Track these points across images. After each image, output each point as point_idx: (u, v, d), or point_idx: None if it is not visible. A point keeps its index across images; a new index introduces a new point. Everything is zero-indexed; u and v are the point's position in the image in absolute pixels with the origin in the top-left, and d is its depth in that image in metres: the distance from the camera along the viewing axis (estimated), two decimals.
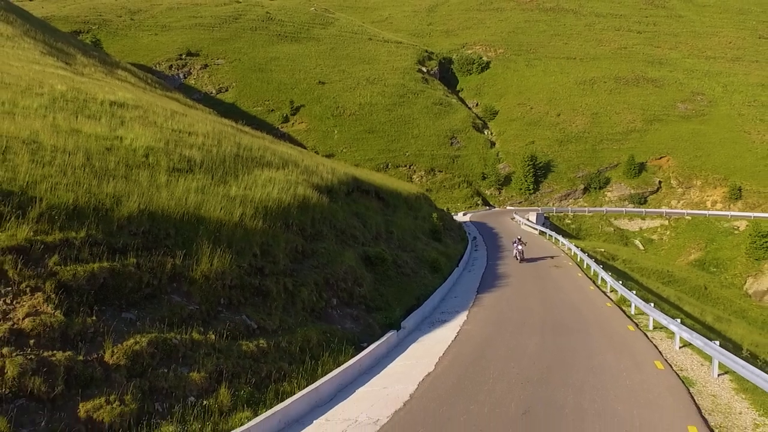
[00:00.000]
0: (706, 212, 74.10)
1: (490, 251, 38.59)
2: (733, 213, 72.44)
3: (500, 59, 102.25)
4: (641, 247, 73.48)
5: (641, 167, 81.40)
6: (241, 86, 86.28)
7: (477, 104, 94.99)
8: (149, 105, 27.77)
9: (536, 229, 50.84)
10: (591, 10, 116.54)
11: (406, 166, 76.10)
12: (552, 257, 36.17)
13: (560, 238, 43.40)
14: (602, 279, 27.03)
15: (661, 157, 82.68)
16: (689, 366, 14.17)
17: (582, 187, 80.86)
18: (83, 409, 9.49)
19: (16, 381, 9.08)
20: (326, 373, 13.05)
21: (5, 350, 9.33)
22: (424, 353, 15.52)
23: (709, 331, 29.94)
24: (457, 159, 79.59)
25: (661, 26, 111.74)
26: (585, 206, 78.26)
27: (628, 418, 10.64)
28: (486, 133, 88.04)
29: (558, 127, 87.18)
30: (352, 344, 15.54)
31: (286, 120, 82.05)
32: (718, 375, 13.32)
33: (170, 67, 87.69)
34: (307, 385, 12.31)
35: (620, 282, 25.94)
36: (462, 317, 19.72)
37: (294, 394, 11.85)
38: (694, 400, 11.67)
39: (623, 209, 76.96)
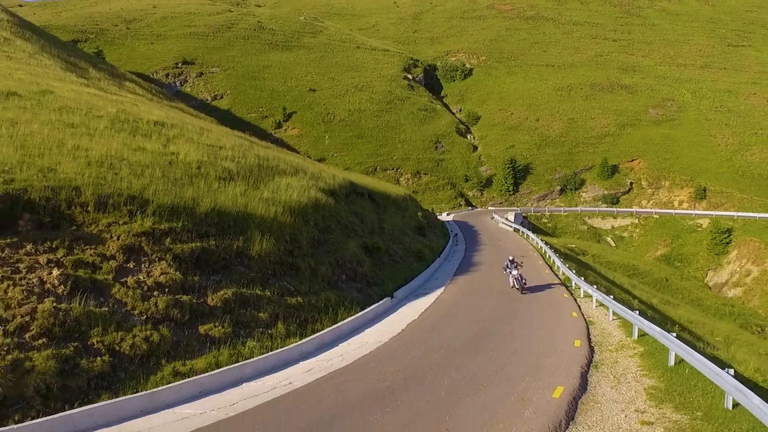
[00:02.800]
0: (672, 211, 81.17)
1: (468, 245, 45.01)
2: (696, 212, 79.56)
3: (482, 66, 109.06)
4: (613, 244, 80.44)
5: (614, 169, 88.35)
6: (235, 93, 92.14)
7: (460, 110, 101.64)
8: (182, 123, 33.92)
9: (511, 227, 57.36)
10: (569, 19, 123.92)
11: (393, 169, 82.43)
12: (523, 254, 42.64)
13: (531, 234, 49.93)
14: (557, 265, 33.52)
15: (632, 160, 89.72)
16: (595, 315, 20.70)
17: (558, 188, 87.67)
18: (201, 329, 15.75)
19: (163, 311, 15.32)
20: (344, 320, 19.38)
21: (155, 293, 15.58)
22: (411, 311, 21.93)
23: (650, 310, 36.62)
24: (441, 162, 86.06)
25: (636, 34, 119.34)
26: (561, 206, 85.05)
27: (542, 337, 17.10)
28: (469, 137, 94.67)
29: (537, 131, 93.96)
30: (359, 305, 21.85)
31: (279, 126, 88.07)
32: (612, 319, 19.85)
33: (167, 75, 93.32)
34: (332, 325, 18.64)
35: (574, 271, 32.42)
36: (440, 290, 26.15)
37: (324, 329, 18.18)
38: (588, 331, 18.17)
39: (596, 209, 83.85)
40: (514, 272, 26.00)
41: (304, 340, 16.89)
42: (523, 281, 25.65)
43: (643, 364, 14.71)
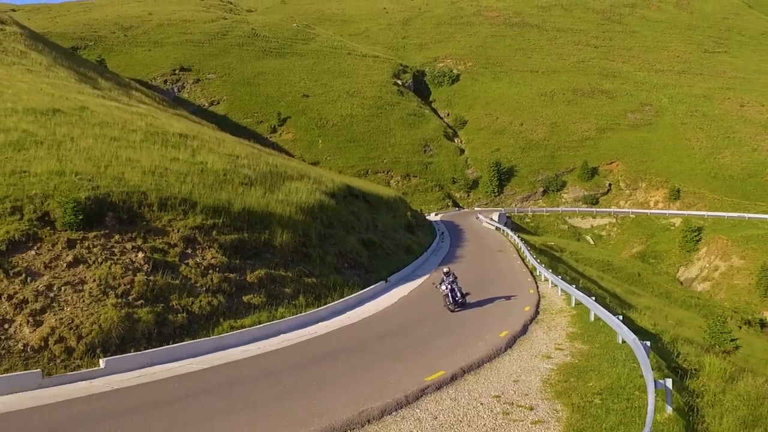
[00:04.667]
0: (648, 211, 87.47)
1: (453, 242, 50.72)
2: (670, 212, 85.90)
3: (469, 72, 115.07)
4: (592, 242, 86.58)
5: (594, 171, 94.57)
6: (231, 99, 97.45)
7: (448, 114, 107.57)
8: (201, 134, 39.39)
9: (494, 226, 63.15)
10: (553, 25, 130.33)
11: (384, 172, 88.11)
12: (501, 249, 48.38)
13: (509, 232, 55.70)
14: (527, 257, 39.27)
15: (611, 162, 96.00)
16: (548, 292, 26.50)
17: (541, 189, 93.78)
18: (245, 298, 21.30)
19: (217, 284, 20.84)
20: (349, 295, 24.97)
21: (210, 271, 21.11)
22: (402, 291, 27.62)
23: (613, 298, 42.50)
24: (429, 165, 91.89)
25: (616, 41, 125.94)
26: (544, 207, 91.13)
27: (502, 305, 22.79)
28: (456, 141, 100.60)
29: (521, 135, 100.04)
30: (359, 286, 27.45)
31: (274, 131, 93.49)
32: (560, 295, 25.63)
33: (165, 81, 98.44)
34: (340, 299, 24.23)
35: (538, 261, 38.22)
36: (426, 276, 31.84)
37: (334, 301, 23.77)
38: (539, 302, 23.93)
39: (577, 209, 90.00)
40: (443, 287, 23.14)
41: (320, 308, 22.52)
42: (459, 297, 23.10)
43: (571, 321, 20.47)
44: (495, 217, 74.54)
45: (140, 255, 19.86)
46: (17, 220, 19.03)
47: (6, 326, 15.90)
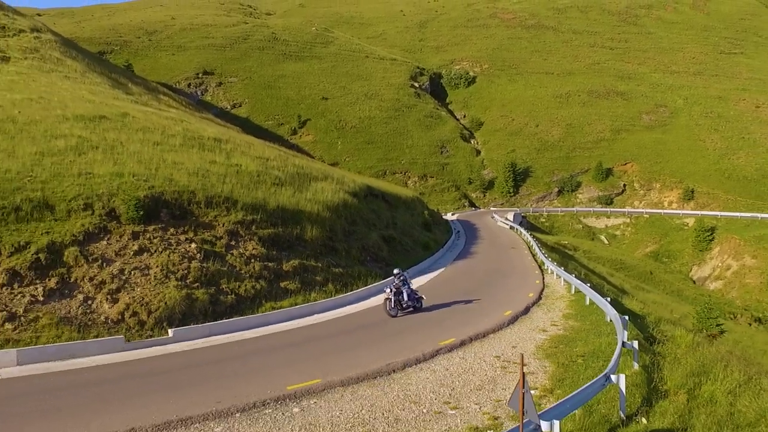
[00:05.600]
0: (662, 211, 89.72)
1: (468, 239, 53.70)
2: (684, 212, 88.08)
3: (485, 74, 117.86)
4: (606, 242, 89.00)
5: (608, 172, 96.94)
6: (252, 102, 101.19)
7: (464, 116, 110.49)
8: (232, 138, 42.84)
9: (508, 225, 66.00)
10: (569, 27, 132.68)
11: (401, 173, 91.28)
12: (513, 246, 51.28)
13: (523, 230, 58.54)
14: (537, 253, 42.16)
15: (626, 163, 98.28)
16: (553, 283, 29.48)
17: (556, 189, 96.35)
18: (282, 284, 24.56)
19: (258, 272, 24.12)
20: (372, 284, 28.14)
21: (252, 260, 24.40)
22: (419, 281, 30.76)
23: (623, 294, 45.20)
24: (446, 166, 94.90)
25: (632, 42, 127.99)
26: (558, 207, 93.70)
27: (509, 292, 25.84)
28: (472, 142, 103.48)
29: (536, 136, 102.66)
30: (381, 277, 30.60)
31: (294, 132, 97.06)
32: (563, 285, 28.59)
33: (189, 84, 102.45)
34: (364, 287, 27.41)
35: (546, 256, 41.11)
36: (442, 270, 34.95)
37: (359, 288, 26.96)
38: (542, 289, 26.94)
39: (591, 209, 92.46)
40: (386, 290, 22.64)
41: (348, 294, 25.74)
42: (406, 300, 22.41)
43: (569, 305, 23.49)
44: (510, 216, 77.31)
45: (193, 245, 23.21)
46: (89, 215, 22.47)
47: (89, 302, 19.29)
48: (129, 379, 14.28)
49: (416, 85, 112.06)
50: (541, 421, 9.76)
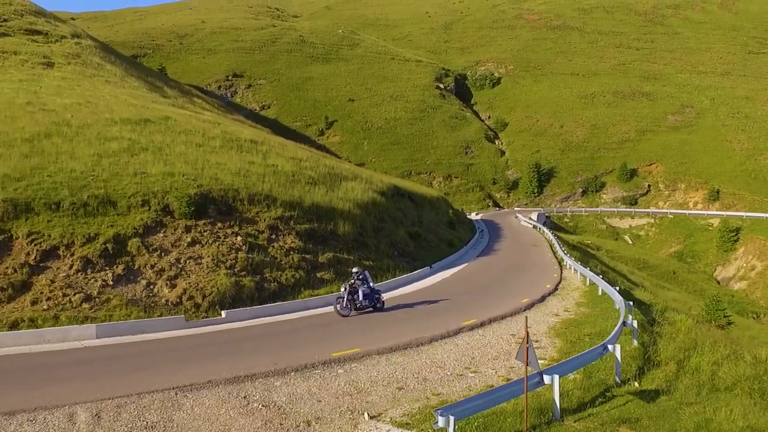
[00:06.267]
0: (686, 211, 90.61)
1: (491, 238, 55.83)
2: (708, 212, 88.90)
3: (510, 75, 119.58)
4: (630, 242, 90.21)
5: (633, 172, 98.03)
6: (281, 104, 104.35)
7: (489, 117, 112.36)
8: (266, 140, 45.59)
9: (531, 224, 67.92)
10: (594, 28, 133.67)
11: (426, 173, 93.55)
12: (535, 244, 53.26)
13: (545, 229, 60.47)
14: (558, 251, 44.16)
15: (651, 164, 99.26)
16: (570, 276, 31.60)
17: (580, 190, 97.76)
18: (318, 274, 27.09)
19: (297, 263, 26.68)
20: (400, 276, 30.53)
21: (291, 252, 26.97)
22: (443, 275, 33.11)
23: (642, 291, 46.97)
24: (471, 166, 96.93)
25: (658, 43, 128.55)
26: (582, 207, 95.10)
27: (528, 285, 28.06)
28: (497, 143, 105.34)
29: (561, 137, 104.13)
30: (408, 270, 32.98)
31: (321, 133, 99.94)
32: (579, 278, 30.68)
33: (219, 87, 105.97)
34: (392, 278, 29.82)
35: (565, 252, 43.08)
36: (465, 264, 37.24)
37: (389, 280, 29.38)
38: (559, 282, 29.09)
39: (615, 209, 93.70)
40: (342, 289, 22.67)
41: (378, 284, 28.11)
42: (361, 299, 22.45)
43: (582, 295, 25.64)
44: (534, 216, 79.08)
45: (239, 238, 25.85)
46: (147, 210, 25.23)
47: (152, 287, 22.01)
48: (195, 348, 16.90)
49: (441, 86, 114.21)
50: (544, 375, 12.07)
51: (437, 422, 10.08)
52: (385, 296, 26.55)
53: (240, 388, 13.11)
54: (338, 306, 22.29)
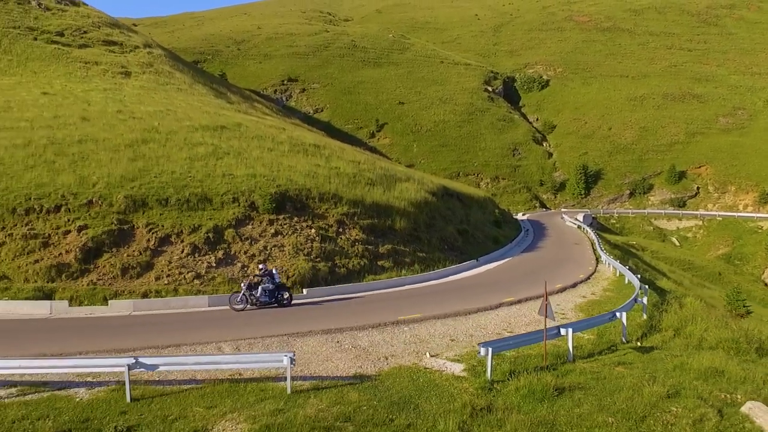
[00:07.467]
0: (735, 214, 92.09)
1: (536, 236, 59.72)
2: (758, 215, 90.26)
3: (559, 78, 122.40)
4: (677, 244, 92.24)
5: (682, 175, 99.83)
6: (333, 107, 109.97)
7: (537, 119, 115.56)
8: (327, 144, 50.70)
9: (576, 224, 71.38)
10: (645, 29, 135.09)
11: (474, 174, 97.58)
12: (577, 242, 56.81)
13: (588, 229, 63.95)
14: (597, 248, 47.83)
15: (700, 166, 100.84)
16: (603, 269, 35.57)
17: (628, 192, 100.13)
18: (379, 263, 31.86)
19: (361, 252, 31.51)
20: (450, 266, 35.04)
21: (356, 243, 31.81)
22: (489, 266, 37.48)
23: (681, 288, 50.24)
24: (518, 168, 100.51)
25: (712, 44, 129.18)
26: (629, 209, 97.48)
27: (564, 275, 32.22)
28: (544, 145, 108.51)
29: (609, 139, 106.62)
30: (457, 262, 37.43)
31: (372, 136, 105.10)
32: (611, 270, 34.61)
33: (275, 91, 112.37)
34: (443, 268, 34.36)
35: (602, 248, 46.72)
36: (509, 259, 41.48)
37: (439, 269, 33.93)
38: (593, 273, 33.13)
39: (663, 211, 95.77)
40: (242, 285, 23.31)
41: (431, 272, 32.82)
42: (258, 297, 23.14)
43: (610, 283, 29.68)
44: (580, 217, 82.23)
45: (312, 231, 30.84)
46: (237, 206, 30.44)
47: (245, 269, 27.13)
48: (288, 313, 21.83)
49: (489, 89, 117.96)
50: (561, 329, 16.49)
51: (479, 352, 14.64)
52: (436, 282, 31.20)
53: (332, 336, 17.97)
54: (232, 301, 23.10)
